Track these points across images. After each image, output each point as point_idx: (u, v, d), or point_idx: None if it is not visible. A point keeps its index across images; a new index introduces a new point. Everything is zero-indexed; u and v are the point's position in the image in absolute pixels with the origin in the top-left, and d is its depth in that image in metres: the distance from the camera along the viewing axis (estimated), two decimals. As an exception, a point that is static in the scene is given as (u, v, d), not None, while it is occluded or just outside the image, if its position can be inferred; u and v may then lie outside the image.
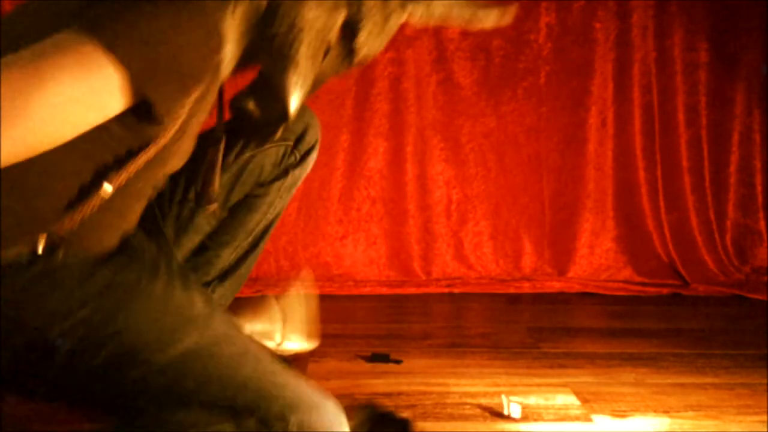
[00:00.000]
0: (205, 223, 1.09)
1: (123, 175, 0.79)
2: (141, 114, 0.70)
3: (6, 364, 0.77)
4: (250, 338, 0.91)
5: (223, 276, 1.13)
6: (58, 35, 0.64)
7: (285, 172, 1.11)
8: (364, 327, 1.80)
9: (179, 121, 0.77)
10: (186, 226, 1.07)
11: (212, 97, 0.88)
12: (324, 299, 2.03)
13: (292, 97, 0.84)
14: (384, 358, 1.48)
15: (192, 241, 1.09)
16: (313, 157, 1.15)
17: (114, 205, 0.81)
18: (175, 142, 0.82)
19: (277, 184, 1.11)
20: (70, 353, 0.76)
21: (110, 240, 0.86)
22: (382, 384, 1.35)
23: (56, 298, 0.76)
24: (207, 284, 1.12)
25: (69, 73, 0.62)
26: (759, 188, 2.35)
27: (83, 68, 0.63)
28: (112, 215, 0.83)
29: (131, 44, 0.65)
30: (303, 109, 1.11)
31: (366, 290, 2.14)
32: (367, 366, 1.46)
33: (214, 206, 1.01)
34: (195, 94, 0.74)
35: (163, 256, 0.96)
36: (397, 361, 1.47)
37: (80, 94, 0.63)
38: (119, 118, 0.70)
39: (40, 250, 0.75)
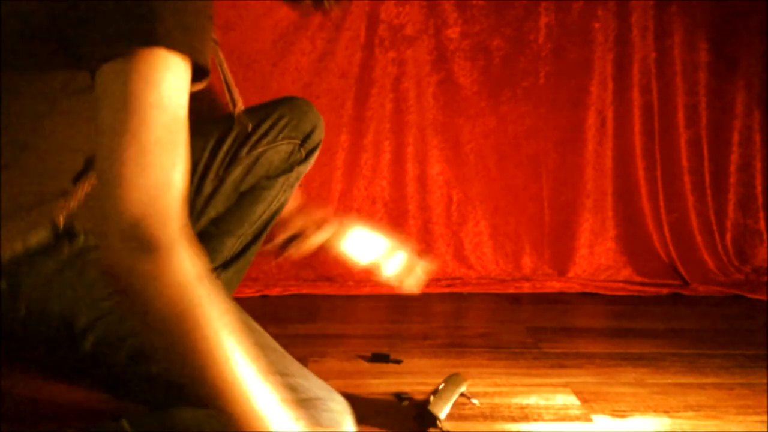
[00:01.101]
0: (212, 209, 1.15)
1: None
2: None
3: (31, 349, 0.78)
4: (260, 331, 0.92)
5: (227, 264, 1.18)
6: (115, 67, 0.64)
7: (291, 168, 1.19)
8: (364, 327, 1.80)
9: None
10: (199, 214, 1.12)
11: None
12: (324, 299, 2.05)
13: None
14: (384, 358, 1.48)
15: (199, 226, 1.14)
16: (316, 155, 1.24)
17: None
18: None
19: (282, 179, 1.18)
20: (94, 344, 0.76)
21: None
22: (382, 384, 1.35)
23: (81, 286, 0.77)
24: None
25: (156, 91, 0.63)
26: (759, 188, 2.35)
27: (163, 75, 0.64)
28: None
29: (180, 33, 0.66)
30: (310, 109, 1.19)
31: (366, 290, 2.13)
32: (367, 366, 1.46)
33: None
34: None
35: None
36: (397, 361, 1.47)
37: (174, 96, 0.65)
38: None
39: (60, 225, 0.76)
